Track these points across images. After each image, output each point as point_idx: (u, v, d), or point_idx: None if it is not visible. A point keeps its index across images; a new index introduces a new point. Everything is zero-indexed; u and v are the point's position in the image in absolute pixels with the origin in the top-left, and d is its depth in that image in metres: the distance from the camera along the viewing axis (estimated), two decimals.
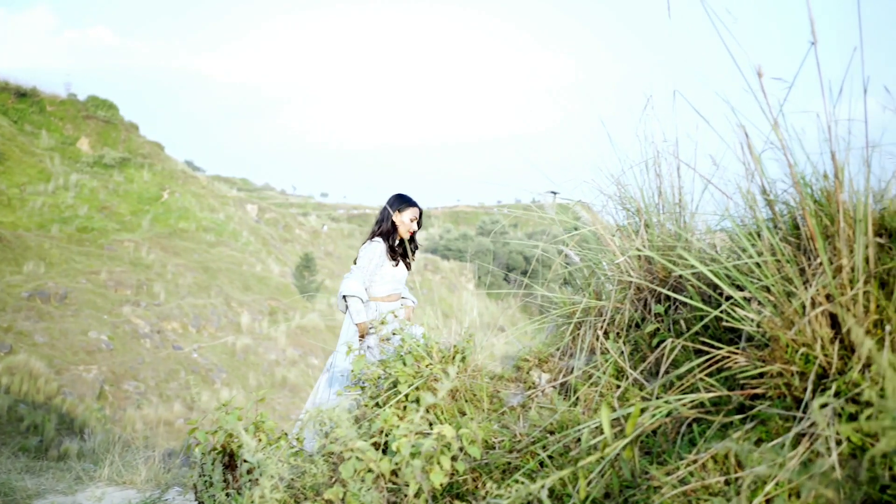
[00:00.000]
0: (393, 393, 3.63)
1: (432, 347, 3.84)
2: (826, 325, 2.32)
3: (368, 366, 3.88)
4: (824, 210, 2.45)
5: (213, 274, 32.62)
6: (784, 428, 2.29)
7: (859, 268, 2.28)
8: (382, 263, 5.44)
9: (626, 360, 3.07)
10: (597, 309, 3.35)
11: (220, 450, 3.55)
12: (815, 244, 2.36)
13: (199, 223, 36.37)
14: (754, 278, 2.49)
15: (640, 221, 3.24)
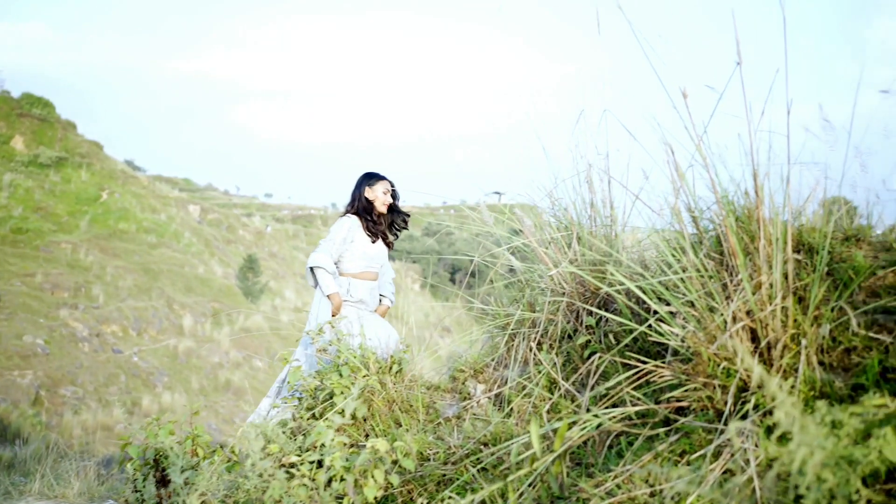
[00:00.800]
0: (329, 405, 3.62)
1: (369, 358, 3.84)
2: (747, 340, 2.39)
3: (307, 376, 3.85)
4: (745, 227, 2.52)
5: (154, 276, 32.01)
6: (706, 440, 2.35)
7: (777, 284, 2.35)
8: (353, 239, 5.35)
9: (558, 371, 3.12)
10: (531, 320, 3.38)
11: (153, 464, 3.49)
12: (736, 261, 2.43)
13: (139, 224, 35.65)
14: (679, 294, 2.55)
15: (572, 234, 3.28)
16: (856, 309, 2.39)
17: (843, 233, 2.71)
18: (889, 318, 2.32)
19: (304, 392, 3.85)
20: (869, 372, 2.18)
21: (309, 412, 3.75)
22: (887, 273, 2.47)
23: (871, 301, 2.42)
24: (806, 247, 2.62)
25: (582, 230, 3.28)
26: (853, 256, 2.52)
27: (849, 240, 2.69)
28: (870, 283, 2.47)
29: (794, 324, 2.37)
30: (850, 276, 2.47)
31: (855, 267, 2.48)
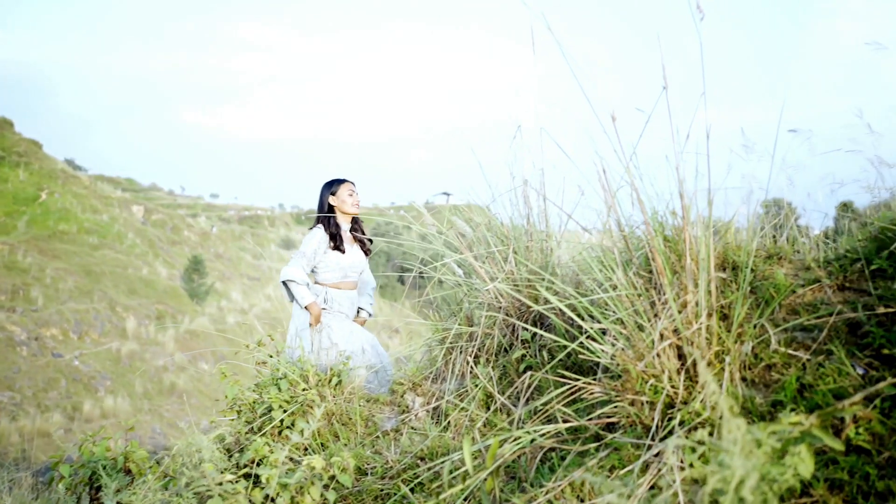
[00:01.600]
0: (267, 419, 3.60)
1: (308, 371, 3.83)
2: (674, 357, 2.45)
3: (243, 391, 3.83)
4: (673, 247, 2.58)
5: (96, 277, 31.35)
6: (635, 456, 2.40)
7: (702, 303, 2.42)
8: (325, 251, 5.28)
9: (494, 385, 3.15)
10: (468, 334, 3.41)
11: (87, 482, 3.44)
12: (663, 280, 2.49)
13: (80, 225, 34.89)
14: (610, 311, 2.60)
15: (508, 249, 3.32)
16: (777, 327, 2.48)
17: (766, 251, 2.80)
18: (807, 336, 2.41)
19: (242, 405, 3.83)
20: (787, 389, 2.26)
21: (248, 426, 3.73)
22: (806, 291, 2.56)
23: (791, 319, 2.50)
24: (731, 265, 2.70)
25: (518, 245, 3.32)
26: (775, 275, 2.61)
27: (771, 258, 2.78)
28: (790, 301, 2.56)
29: (718, 341, 2.44)
30: (772, 294, 2.56)
31: (776, 285, 2.56)
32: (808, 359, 2.33)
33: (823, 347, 2.34)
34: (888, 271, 2.44)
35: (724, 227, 2.79)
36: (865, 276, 2.49)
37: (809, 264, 2.64)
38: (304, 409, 3.64)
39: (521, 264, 3.27)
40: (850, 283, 2.53)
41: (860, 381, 2.18)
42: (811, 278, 2.59)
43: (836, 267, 2.59)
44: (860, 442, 2.04)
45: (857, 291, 2.49)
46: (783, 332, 2.45)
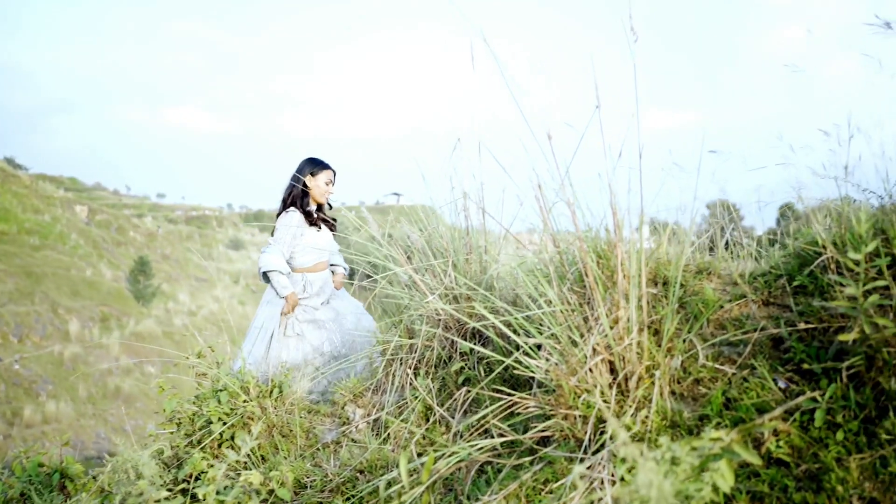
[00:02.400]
0: (207, 432, 3.58)
1: (249, 382, 3.81)
2: (606, 372, 2.50)
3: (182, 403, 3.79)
4: (605, 263, 2.63)
5: (37, 279, 30.62)
6: (568, 469, 2.45)
7: (633, 318, 2.48)
8: (302, 233, 5.22)
9: (433, 397, 3.18)
10: (408, 346, 3.43)
11: (20, 499, 3.38)
12: (596, 295, 2.54)
13: (20, 225, 34.04)
14: (545, 327, 2.65)
15: (447, 262, 3.35)
16: (705, 341, 2.55)
17: (696, 266, 2.87)
18: (733, 351, 2.48)
19: (182, 418, 3.78)
20: (713, 403, 2.32)
21: (187, 438, 3.70)
22: (733, 307, 2.63)
23: (718, 333, 2.58)
24: (662, 280, 2.77)
25: (458, 258, 3.35)
26: (704, 290, 2.68)
27: (701, 273, 2.86)
28: (718, 316, 2.63)
29: (649, 356, 2.50)
30: (701, 309, 2.63)
31: (705, 301, 2.64)
32: (734, 373, 2.40)
33: (748, 362, 2.42)
34: (809, 288, 2.53)
35: (656, 243, 2.86)
36: (788, 292, 2.58)
37: (736, 280, 2.72)
38: (244, 421, 3.62)
39: (460, 277, 3.31)
40: (774, 299, 2.61)
41: (781, 395, 2.25)
42: (738, 294, 2.67)
43: (762, 283, 2.67)
44: (780, 455, 2.11)
45: (780, 307, 2.57)
46: (711, 346, 2.52)
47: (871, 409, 2.07)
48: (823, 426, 2.11)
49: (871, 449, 2.01)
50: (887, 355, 2.09)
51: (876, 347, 2.09)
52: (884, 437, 1.99)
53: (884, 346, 2.09)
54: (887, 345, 2.09)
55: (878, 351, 2.09)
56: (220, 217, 64.02)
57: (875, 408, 2.07)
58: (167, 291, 37.87)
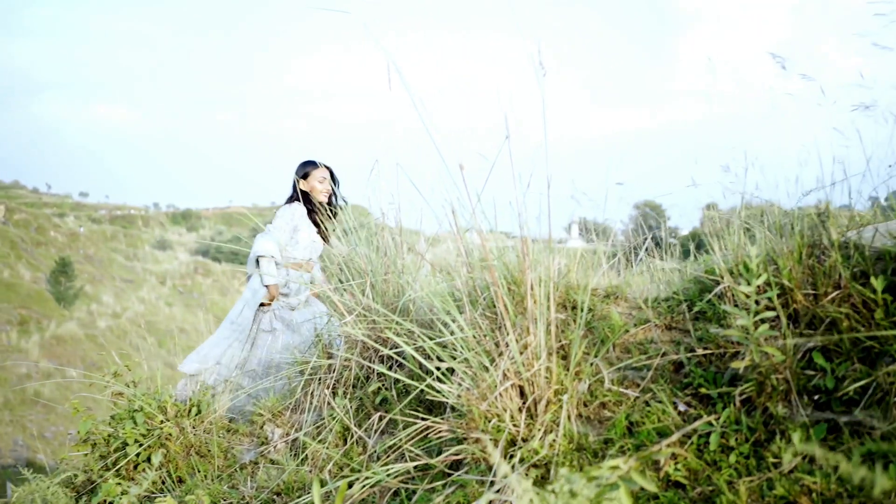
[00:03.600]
0: (122, 455, 3.53)
1: (167, 402, 3.77)
2: (516, 396, 2.57)
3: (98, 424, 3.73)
4: (516, 289, 2.70)
5: None
6: (479, 493, 2.50)
7: (542, 344, 2.55)
8: (300, 227, 5.21)
9: (351, 418, 3.20)
10: (327, 365, 3.45)
11: None
12: (507, 321, 2.60)
13: None
14: (458, 351, 2.70)
15: (366, 282, 3.38)
16: (611, 365, 2.63)
17: (604, 290, 2.96)
18: (637, 375, 2.57)
19: (96, 439, 3.73)
20: (617, 426, 2.41)
21: (102, 461, 3.65)
22: (638, 331, 2.73)
23: (624, 357, 2.67)
24: (572, 304, 2.85)
25: (375, 278, 3.39)
26: (610, 314, 2.77)
27: (609, 297, 2.95)
28: (623, 340, 2.73)
29: (557, 380, 2.57)
30: (607, 333, 2.72)
31: (611, 325, 2.73)
32: (637, 396, 2.50)
33: (651, 386, 2.51)
34: (708, 314, 2.64)
35: (566, 267, 2.94)
36: (689, 317, 2.69)
37: (640, 304, 2.82)
38: (161, 442, 3.59)
39: (377, 298, 3.34)
40: (676, 324, 2.72)
41: (680, 419, 2.35)
42: (643, 318, 2.77)
43: (665, 308, 2.78)
44: (678, 478, 2.20)
45: (682, 331, 2.68)
46: (616, 370, 2.61)
47: (761, 433, 2.18)
48: (718, 449, 2.21)
49: (759, 472, 2.12)
50: (776, 382, 2.20)
51: (765, 374, 2.20)
52: (771, 461, 2.09)
53: (773, 374, 2.20)
54: (776, 372, 2.21)
55: (767, 378, 2.20)
56: (146, 216, 62.60)
57: (765, 431, 2.18)
58: (90, 293, 36.91)
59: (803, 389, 2.21)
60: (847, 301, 2.31)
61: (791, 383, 2.20)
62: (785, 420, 2.16)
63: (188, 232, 62.19)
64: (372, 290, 3.36)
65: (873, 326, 2.22)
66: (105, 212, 61.86)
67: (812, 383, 2.22)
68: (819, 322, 2.34)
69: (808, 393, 2.21)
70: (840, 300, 2.32)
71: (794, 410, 2.18)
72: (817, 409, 2.18)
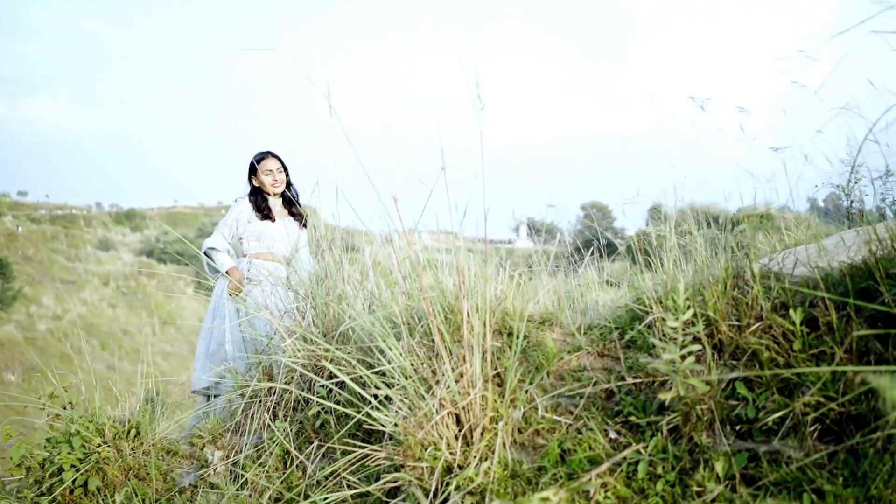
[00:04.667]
0: (58, 481, 3.48)
1: (105, 424, 3.73)
2: (452, 424, 2.61)
3: (51, 443, 3.67)
4: (452, 318, 2.74)
5: None
6: None
7: (477, 372, 2.60)
8: (250, 220, 5.18)
9: (291, 441, 3.21)
10: (267, 388, 3.45)
11: None
12: (443, 350, 2.64)
13: None
14: (395, 379, 2.73)
15: (306, 306, 3.39)
16: (545, 392, 2.69)
17: (540, 317, 3.03)
18: (570, 402, 2.64)
19: (31, 464, 3.66)
20: (550, 454, 2.47)
21: (37, 486, 3.59)
22: (572, 358, 2.80)
23: (558, 384, 2.73)
24: (508, 330, 2.90)
25: (316, 302, 3.40)
26: (545, 341, 2.83)
27: (544, 323, 3.01)
28: (558, 368, 2.79)
29: (492, 407, 2.62)
30: (541, 361, 2.78)
31: (545, 352, 2.79)
32: (570, 424, 2.56)
33: (583, 413, 2.58)
34: (638, 342, 2.72)
35: (502, 295, 2.99)
36: (620, 345, 2.76)
37: (574, 332, 2.89)
38: (98, 466, 3.55)
39: (319, 321, 3.36)
40: (608, 352, 2.79)
41: (611, 448, 2.42)
42: (576, 345, 2.84)
43: (597, 335, 2.85)
44: None
45: (614, 359, 2.75)
46: (550, 398, 2.67)
47: (687, 462, 2.26)
48: (646, 477, 2.28)
49: (685, 500, 2.19)
50: (700, 412, 2.28)
51: (691, 405, 2.28)
52: (695, 489, 2.17)
53: (697, 404, 2.28)
54: (701, 402, 2.29)
55: (692, 408, 2.28)
56: (88, 216, 61.31)
57: (690, 460, 2.26)
58: (29, 295, 36.00)
59: (726, 419, 2.30)
60: (768, 332, 2.40)
61: (715, 413, 2.29)
62: (709, 449, 2.24)
63: (132, 232, 61.07)
64: (313, 314, 3.37)
65: (791, 358, 2.32)
66: (45, 211, 60.40)
67: (735, 413, 2.30)
68: (742, 353, 2.43)
69: (730, 422, 2.30)
70: (761, 331, 2.41)
71: (718, 440, 2.27)
72: (740, 439, 2.26)
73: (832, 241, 3.20)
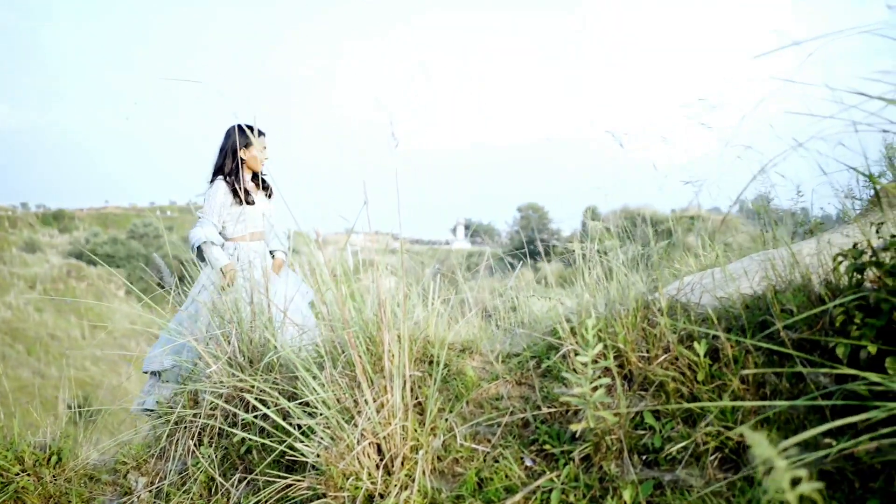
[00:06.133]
0: None
1: (24, 451, 3.68)
2: (374, 454, 2.66)
3: None
4: (374, 349, 2.80)
5: None
6: None
7: (398, 403, 2.66)
8: (232, 203, 5.00)
9: (216, 468, 3.22)
10: (192, 413, 3.45)
11: None
12: (363, 382, 2.70)
13: None
14: (318, 409, 2.77)
15: (231, 332, 3.40)
16: (465, 420, 2.77)
17: (461, 344, 3.10)
18: (489, 431, 2.71)
19: None
20: (468, 483, 2.54)
21: None
22: (491, 386, 2.88)
23: (477, 412, 2.81)
24: (430, 358, 2.97)
25: (241, 328, 3.41)
26: (465, 369, 2.91)
27: (465, 351, 3.09)
28: (477, 396, 2.87)
29: (413, 436, 2.68)
30: (461, 390, 2.85)
31: (465, 381, 2.86)
32: (488, 452, 2.64)
33: (500, 442, 2.66)
34: (554, 371, 2.81)
35: (425, 320, 3.06)
36: (536, 374, 2.85)
37: (492, 360, 2.97)
38: (17, 496, 3.50)
39: (245, 347, 3.37)
40: (525, 380, 2.88)
41: (525, 477, 2.50)
42: (495, 374, 2.92)
43: (515, 364, 2.94)
44: None
45: (531, 387, 2.84)
46: (469, 426, 2.74)
47: (597, 490, 2.35)
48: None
49: None
50: (610, 442, 2.38)
51: (601, 436, 2.37)
52: None
53: (607, 435, 2.38)
54: (610, 433, 2.38)
55: (602, 438, 2.38)
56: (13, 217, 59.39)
57: (600, 488, 2.36)
58: None
59: (634, 448, 2.40)
60: (674, 364, 2.51)
61: (624, 443, 2.39)
62: (617, 478, 2.34)
63: (60, 233, 59.36)
64: (238, 341, 3.38)
65: (695, 388, 2.43)
66: None
67: (642, 442, 2.41)
68: (651, 383, 2.54)
69: (639, 452, 2.40)
70: (668, 363, 2.52)
71: (626, 469, 2.37)
72: (647, 467, 2.37)
73: (740, 265, 3.35)
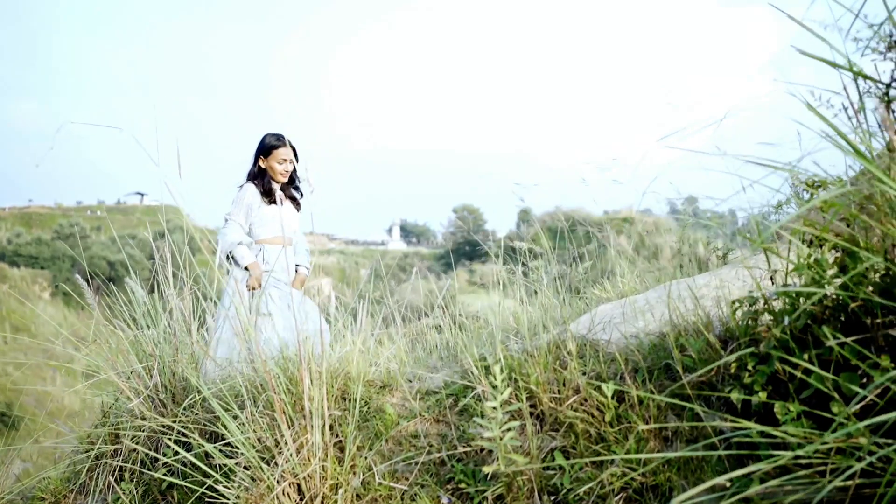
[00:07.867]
0: None
1: None
2: (294, 494, 2.71)
3: None
4: (293, 389, 2.84)
5: None
6: None
7: (318, 443, 2.71)
8: (259, 205, 5.04)
9: (137, 503, 3.22)
10: (113, 449, 3.44)
11: None
12: (283, 423, 2.74)
13: None
14: (238, 450, 2.80)
15: (153, 366, 3.40)
16: (384, 458, 2.83)
17: (381, 381, 3.16)
18: (407, 468, 2.78)
19: None
20: None
21: None
22: (409, 424, 2.94)
23: (396, 450, 2.87)
24: (350, 396, 3.02)
25: (164, 362, 3.41)
26: (384, 407, 2.97)
27: (385, 388, 3.15)
28: (396, 434, 2.93)
29: (333, 475, 2.74)
30: (380, 428, 2.91)
31: (384, 419, 2.92)
32: (406, 490, 2.70)
33: (418, 480, 2.73)
34: (470, 409, 2.89)
35: (348, 354, 3.11)
36: (453, 413, 2.93)
37: (410, 398, 3.04)
38: None
39: (167, 382, 3.37)
40: (443, 418, 2.95)
41: None
42: (414, 412, 2.99)
43: (433, 401, 3.01)
44: None
45: (448, 426, 2.91)
46: (388, 464, 2.81)
47: None
48: None
49: None
50: (521, 483, 2.47)
51: (512, 476, 2.46)
52: None
53: (518, 476, 2.47)
54: (521, 474, 2.48)
55: (514, 479, 2.47)
56: None
57: None
58: None
59: (545, 488, 2.50)
60: (584, 405, 2.62)
61: (534, 483, 2.48)
62: None
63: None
64: (160, 375, 3.38)
65: (603, 429, 2.54)
66: None
67: (552, 482, 2.51)
68: (561, 424, 2.64)
69: (549, 492, 2.50)
70: (578, 404, 2.62)
71: None
72: None
73: (645, 299, 3.49)
